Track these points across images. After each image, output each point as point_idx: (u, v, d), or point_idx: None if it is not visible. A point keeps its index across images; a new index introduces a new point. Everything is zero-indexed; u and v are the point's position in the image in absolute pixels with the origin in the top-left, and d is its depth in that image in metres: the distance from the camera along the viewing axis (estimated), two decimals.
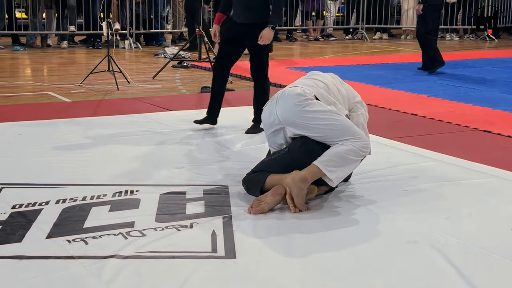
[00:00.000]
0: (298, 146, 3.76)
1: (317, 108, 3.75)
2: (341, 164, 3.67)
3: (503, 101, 7.07)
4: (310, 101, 3.76)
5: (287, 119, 3.79)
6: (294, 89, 3.84)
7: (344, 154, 3.68)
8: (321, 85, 3.92)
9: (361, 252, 3.12)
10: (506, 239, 3.30)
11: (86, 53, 11.28)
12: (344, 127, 3.73)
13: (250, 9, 5.32)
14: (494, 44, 13.79)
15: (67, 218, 3.42)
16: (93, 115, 6.06)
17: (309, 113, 3.74)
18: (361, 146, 3.73)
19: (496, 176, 4.35)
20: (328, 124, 3.72)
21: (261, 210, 3.55)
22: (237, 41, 5.45)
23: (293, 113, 3.76)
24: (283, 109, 3.80)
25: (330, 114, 3.75)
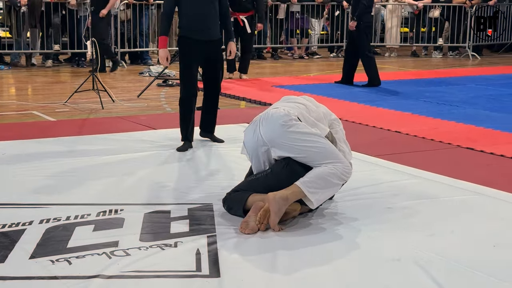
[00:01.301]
0: (281, 167, 3.78)
1: (302, 130, 3.78)
2: (322, 186, 3.69)
3: (486, 118, 7.13)
4: (295, 122, 3.79)
5: (272, 140, 3.81)
6: (278, 110, 3.86)
7: (327, 177, 3.70)
8: (301, 106, 3.96)
9: (345, 269, 3.13)
10: (489, 256, 3.32)
11: (71, 72, 11.27)
12: (327, 150, 3.76)
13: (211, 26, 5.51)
14: (477, 62, 13.92)
15: (50, 238, 3.41)
16: (77, 134, 6.05)
17: (294, 134, 3.76)
18: (343, 170, 3.76)
19: (479, 193, 4.38)
20: (312, 146, 3.74)
21: (253, 230, 3.55)
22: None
23: (278, 134, 3.78)
24: (268, 130, 3.82)
25: (315, 136, 3.78)
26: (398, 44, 14.95)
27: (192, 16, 5.44)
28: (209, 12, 5.49)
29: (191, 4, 5.43)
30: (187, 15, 5.45)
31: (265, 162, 3.89)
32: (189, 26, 5.46)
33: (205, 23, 5.48)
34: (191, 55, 5.49)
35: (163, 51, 5.54)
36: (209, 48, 5.53)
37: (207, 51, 5.52)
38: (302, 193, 3.64)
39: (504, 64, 13.34)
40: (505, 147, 5.74)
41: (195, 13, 5.43)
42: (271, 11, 13.80)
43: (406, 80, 10.57)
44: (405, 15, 15.22)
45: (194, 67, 5.53)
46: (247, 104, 8.25)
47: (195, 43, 5.46)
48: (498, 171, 5.04)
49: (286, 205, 3.59)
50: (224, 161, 5.16)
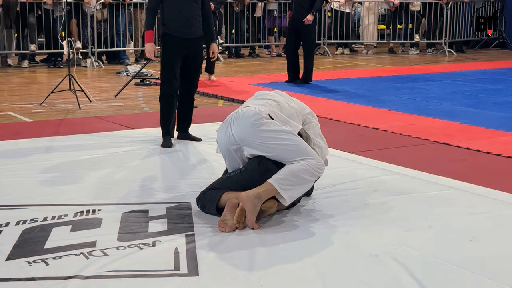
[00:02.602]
0: (254, 166, 3.78)
1: (274, 128, 3.78)
2: (295, 183, 3.69)
3: (462, 114, 7.18)
4: (266, 120, 3.79)
5: (244, 139, 3.81)
6: (249, 109, 3.86)
7: (299, 173, 3.70)
8: (273, 103, 3.96)
9: (323, 266, 3.13)
10: (465, 250, 3.35)
11: (47, 73, 11.19)
12: (299, 147, 3.77)
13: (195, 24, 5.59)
14: (454, 58, 14.02)
15: (27, 239, 3.39)
16: (54, 135, 6.01)
17: (265, 132, 3.76)
18: (316, 166, 3.76)
19: (456, 188, 4.41)
20: (284, 144, 3.75)
21: (231, 228, 3.54)
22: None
23: (249, 133, 3.78)
24: (239, 129, 3.82)
25: (286, 134, 3.78)
26: (375, 41, 15.01)
27: (176, 14, 5.49)
28: (193, 10, 5.54)
29: (175, 1, 5.48)
30: (171, 12, 5.50)
31: (239, 161, 3.90)
32: (173, 23, 5.51)
33: (189, 21, 5.53)
34: (175, 52, 5.53)
35: (150, 45, 5.61)
36: (191, 45, 5.59)
37: (189, 48, 5.57)
38: (275, 190, 3.64)
39: (480, 60, 13.46)
40: (481, 142, 5.80)
41: (179, 11, 5.49)
42: (248, 9, 13.80)
43: (383, 77, 10.62)
44: (382, 12, 15.29)
45: (176, 63, 5.56)
46: (225, 103, 8.25)
47: (178, 41, 5.51)
48: (474, 165, 5.09)
49: (260, 203, 3.60)
50: (202, 159, 5.16)
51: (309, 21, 9.30)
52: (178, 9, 5.49)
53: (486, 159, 5.29)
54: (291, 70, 9.71)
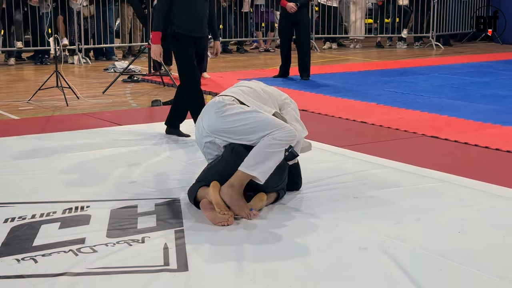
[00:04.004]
0: (229, 153, 3.83)
1: (235, 111, 3.84)
2: (263, 159, 3.70)
3: (449, 107, 7.21)
4: (228, 106, 3.86)
5: (212, 128, 3.88)
6: (213, 99, 3.97)
7: (264, 149, 3.71)
8: (245, 89, 4.05)
9: (312, 260, 3.14)
10: (454, 242, 3.36)
11: (34, 70, 11.13)
12: (263, 122, 3.79)
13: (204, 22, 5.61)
14: (441, 51, 14.06)
15: (15, 237, 3.37)
16: (42, 132, 5.98)
17: (228, 117, 3.83)
18: (283, 136, 3.74)
19: (444, 180, 4.43)
20: (248, 124, 3.79)
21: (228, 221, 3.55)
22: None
23: (214, 121, 3.86)
24: (206, 120, 3.92)
25: (248, 113, 3.83)
26: (362, 35, 15.03)
27: (188, 13, 5.47)
28: (203, 9, 5.57)
29: (186, 2, 5.46)
30: (183, 11, 5.47)
31: (216, 151, 3.94)
32: (185, 22, 5.48)
33: (200, 20, 5.55)
34: (190, 50, 5.53)
35: (157, 47, 5.56)
36: (200, 43, 5.62)
37: (198, 46, 5.60)
38: (245, 174, 3.66)
39: (467, 53, 13.50)
40: (469, 135, 5.82)
41: (191, 10, 5.47)
42: (236, 5, 13.78)
43: (370, 71, 10.64)
44: (369, 6, 15.30)
45: (193, 59, 5.57)
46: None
47: (190, 40, 5.52)
48: (462, 158, 5.11)
49: (235, 191, 3.64)
50: (190, 155, 5.15)
51: (292, 8, 9.12)
52: (190, 8, 5.47)
53: (474, 151, 5.32)
54: (284, 66, 9.61)
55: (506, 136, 5.80)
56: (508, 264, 3.10)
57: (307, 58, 9.49)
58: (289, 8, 9.15)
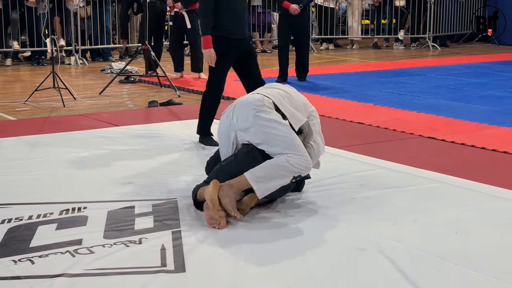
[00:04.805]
0: (243, 153, 3.80)
1: (270, 117, 3.77)
2: (269, 177, 3.66)
3: (446, 108, 7.21)
4: (266, 109, 3.78)
5: (240, 123, 3.81)
6: (253, 95, 3.89)
7: (277, 169, 3.67)
8: (282, 93, 3.95)
9: (310, 260, 3.14)
10: (451, 243, 3.37)
11: (31, 70, 11.12)
12: (288, 140, 3.74)
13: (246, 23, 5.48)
14: (438, 52, 14.07)
15: (12, 238, 3.37)
16: (39, 133, 5.97)
17: (261, 119, 3.76)
18: (297, 163, 3.70)
19: (441, 181, 4.43)
20: (274, 134, 3.74)
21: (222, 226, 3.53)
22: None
23: (247, 116, 3.78)
24: (239, 114, 3.83)
25: (281, 125, 3.76)
26: (359, 36, 15.03)
27: (231, 14, 5.31)
28: (245, 10, 5.45)
29: (228, 2, 5.29)
30: (226, 13, 5.28)
31: (233, 148, 3.88)
32: (228, 24, 5.30)
33: (242, 21, 5.40)
34: (230, 55, 5.38)
35: (211, 51, 5.30)
36: (243, 44, 5.44)
37: (241, 48, 5.43)
38: (247, 182, 3.64)
39: (463, 54, 13.52)
40: (466, 135, 5.83)
41: (234, 11, 5.32)
42: None
43: (367, 71, 10.65)
44: (366, 7, 15.32)
45: (229, 66, 5.46)
46: None
47: (233, 42, 5.35)
48: (459, 159, 5.12)
49: (232, 191, 3.61)
50: (188, 156, 5.15)
51: (296, 11, 9.10)
52: (233, 9, 5.30)
53: (471, 152, 5.32)
54: (283, 70, 9.47)
55: (502, 137, 5.80)
56: (505, 265, 3.11)
57: (305, 59, 9.49)
58: (293, 10, 9.12)
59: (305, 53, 9.49)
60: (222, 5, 5.26)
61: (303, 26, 9.37)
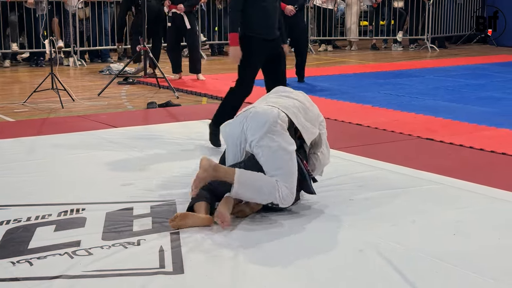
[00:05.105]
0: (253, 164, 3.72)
1: (280, 141, 3.69)
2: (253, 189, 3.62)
3: (445, 109, 7.22)
4: (279, 129, 3.70)
5: (251, 135, 3.74)
6: (272, 109, 3.76)
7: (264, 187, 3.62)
8: (298, 105, 3.89)
9: (308, 262, 3.14)
10: (449, 245, 3.37)
11: (30, 72, 11.12)
12: (286, 172, 3.67)
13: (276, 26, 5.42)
14: (436, 54, 14.08)
15: (11, 240, 3.37)
16: (37, 134, 5.97)
17: (270, 140, 3.68)
18: (283, 196, 3.64)
19: (439, 183, 4.44)
20: (277, 159, 3.67)
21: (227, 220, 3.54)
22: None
23: (259, 132, 3.71)
24: (252, 124, 3.76)
25: (285, 153, 3.68)
26: (357, 38, 15.03)
27: (262, 14, 5.25)
28: (276, 10, 5.37)
29: (259, 1, 5.23)
30: (257, 13, 5.23)
31: (242, 154, 3.83)
32: (259, 24, 5.25)
33: (273, 21, 5.34)
34: (260, 55, 5.32)
35: (236, 49, 5.23)
36: (274, 46, 5.39)
37: (272, 49, 5.37)
38: (232, 177, 3.59)
39: (462, 56, 13.53)
40: (464, 137, 5.83)
41: (265, 11, 5.26)
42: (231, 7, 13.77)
43: (366, 73, 10.65)
44: (364, 8, 15.32)
45: (258, 67, 5.38)
46: (208, 100, 8.24)
47: (263, 42, 5.29)
48: (457, 160, 5.12)
49: (212, 173, 3.62)
50: (187, 157, 5.14)
51: (292, 12, 9.10)
52: (264, 9, 5.24)
53: (469, 153, 5.33)
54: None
55: (501, 138, 5.81)
56: (503, 266, 3.11)
57: (303, 60, 9.50)
58: (289, 11, 9.11)
59: (303, 54, 9.49)
60: (253, 4, 5.20)
61: (300, 28, 9.38)
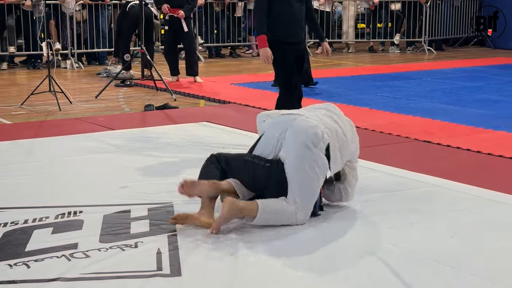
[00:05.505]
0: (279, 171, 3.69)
1: (314, 159, 3.64)
2: (272, 220, 3.59)
3: (442, 112, 7.23)
4: (317, 150, 3.66)
5: (290, 142, 3.70)
6: (318, 128, 3.70)
7: (282, 216, 3.59)
8: (340, 133, 3.84)
9: (304, 263, 3.15)
10: (446, 247, 3.37)
11: (27, 74, 11.12)
12: (309, 193, 3.64)
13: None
14: (433, 56, 14.09)
15: (8, 242, 3.36)
16: (34, 137, 5.97)
17: (305, 157, 3.64)
18: (299, 219, 3.62)
19: (436, 185, 4.44)
20: (306, 176, 3.63)
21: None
22: None
23: (298, 142, 3.67)
24: (293, 133, 3.70)
25: (315, 174, 3.65)
26: (353, 40, 15.05)
27: (287, 18, 5.25)
28: (301, 13, 5.37)
29: (285, 4, 5.23)
30: (281, 16, 5.23)
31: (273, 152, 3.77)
32: (283, 28, 5.26)
33: (298, 24, 5.35)
34: (289, 58, 5.31)
35: (266, 51, 5.25)
36: (298, 48, 5.40)
37: (296, 51, 5.38)
38: (255, 212, 3.53)
39: (459, 58, 13.55)
40: (461, 139, 5.84)
41: (290, 14, 5.26)
42: (228, 9, 13.80)
43: (363, 75, 10.66)
44: (362, 11, 15.34)
45: (292, 65, 5.35)
46: (206, 103, 8.24)
47: (288, 45, 5.29)
48: (454, 163, 5.12)
49: (237, 216, 3.55)
50: (184, 160, 5.14)
51: None
52: (288, 12, 5.24)
53: (466, 156, 5.33)
54: None
55: (498, 141, 5.82)
56: (500, 269, 3.11)
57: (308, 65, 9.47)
58: None
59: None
60: (277, 8, 5.20)
61: None
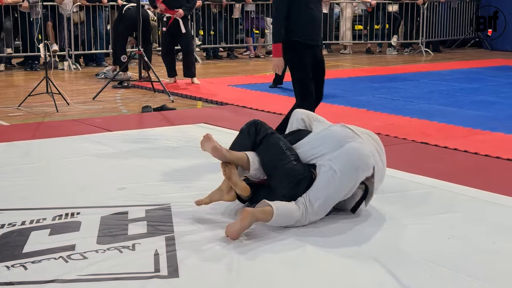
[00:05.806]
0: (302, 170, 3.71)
1: (350, 178, 3.67)
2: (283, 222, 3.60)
3: (439, 113, 7.24)
4: (363, 175, 3.70)
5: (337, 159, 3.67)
6: (369, 155, 3.74)
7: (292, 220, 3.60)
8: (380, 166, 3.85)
9: (300, 264, 3.15)
10: (444, 248, 3.38)
11: (24, 76, 11.11)
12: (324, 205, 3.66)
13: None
14: (431, 58, 14.11)
15: (5, 244, 3.36)
16: (32, 138, 5.96)
17: (346, 176, 3.65)
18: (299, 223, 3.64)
19: (434, 186, 4.45)
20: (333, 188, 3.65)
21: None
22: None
23: (345, 160, 3.66)
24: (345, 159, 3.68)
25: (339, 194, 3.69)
26: (350, 42, 15.06)
27: (308, 20, 5.20)
28: (320, 14, 5.34)
29: (305, 6, 5.17)
30: (303, 18, 5.17)
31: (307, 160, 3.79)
32: (305, 30, 5.19)
33: (318, 26, 5.31)
34: (309, 62, 5.26)
35: (279, 60, 5.22)
36: (317, 51, 5.37)
37: (316, 54, 5.33)
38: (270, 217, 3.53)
39: (456, 60, 13.56)
40: (458, 141, 5.85)
41: (311, 16, 5.21)
42: (226, 11, 13.80)
43: (360, 77, 10.67)
44: (359, 12, 15.35)
45: (310, 71, 5.28)
46: (203, 104, 8.24)
47: (308, 48, 5.23)
48: (451, 164, 5.13)
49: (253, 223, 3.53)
50: (182, 161, 5.14)
51: None
52: (310, 14, 5.19)
53: (464, 157, 5.34)
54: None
55: (495, 142, 5.83)
56: (498, 270, 3.12)
57: None
58: None
59: None
60: (298, 10, 5.15)
61: None
